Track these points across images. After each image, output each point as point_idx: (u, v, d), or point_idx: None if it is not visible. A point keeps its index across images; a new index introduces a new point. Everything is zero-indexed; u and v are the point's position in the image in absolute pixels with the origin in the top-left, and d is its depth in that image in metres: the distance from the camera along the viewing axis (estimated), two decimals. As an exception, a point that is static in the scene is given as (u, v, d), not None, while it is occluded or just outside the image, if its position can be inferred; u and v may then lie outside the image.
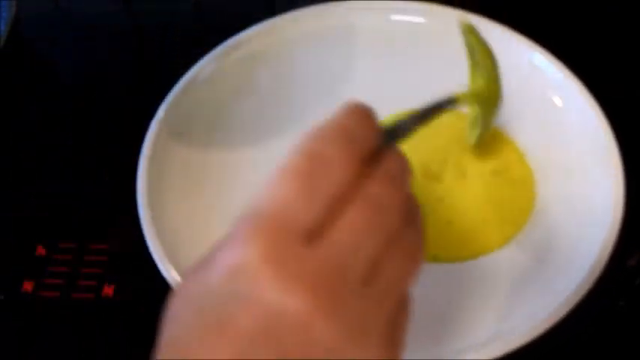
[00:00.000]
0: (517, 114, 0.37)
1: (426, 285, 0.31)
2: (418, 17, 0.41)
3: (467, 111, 0.36)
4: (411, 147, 0.35)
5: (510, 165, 0.36)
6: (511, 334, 0.27)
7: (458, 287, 0.31)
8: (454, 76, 0.39)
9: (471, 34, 0.33)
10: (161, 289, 0.30)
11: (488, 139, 0.36)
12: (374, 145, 0.18)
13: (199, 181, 0.35)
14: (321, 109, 0.38)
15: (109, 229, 0.35)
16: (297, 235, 0.16)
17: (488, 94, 0.33)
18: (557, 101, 0.37)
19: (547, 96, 0.38)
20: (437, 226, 0.33)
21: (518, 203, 0.34)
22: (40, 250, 0.34)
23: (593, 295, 0.28)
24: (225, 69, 0.39)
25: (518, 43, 0.39)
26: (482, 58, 0.33)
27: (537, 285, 0.30)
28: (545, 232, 0.32)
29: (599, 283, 0.28)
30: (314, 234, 0.16)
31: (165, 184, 0.34)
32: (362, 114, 0.19)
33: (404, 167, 0.19)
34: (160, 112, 0.36)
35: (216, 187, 0.35)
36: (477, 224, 0.34)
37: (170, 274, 0.30)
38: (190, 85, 0.38)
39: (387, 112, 0.37)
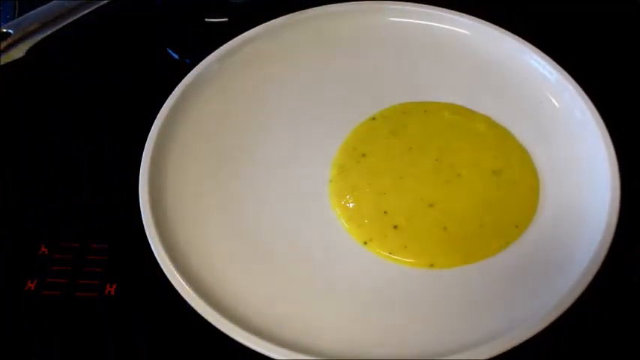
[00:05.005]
0: (515, 114, 0.38)
1: (424, 288, 0.31)
2: (417, 20, 0.42)
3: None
4: (406, 146, 0.36)
5: (512, 164, 0.35)
6: (508, 333, 0.27)
7: (455, 288, 0.31)
8: (453, 77, 0.40)
9: None
10: (163, 287, 0.30)
11: (489, 138, 0.37)
12: None
13: (201, 181, 0.35)
14: (323, 109, 0.39)
15: (111, 228, 0.35)
16: None
17: None
18: (555, 102, 0.38)
19: (544, 97, 0.38)
20: (432, 233, 0.32)
21: (519, 205, 0.33)
22: (43, 249, 0.34)
23: (590, 293, 0.28)
24: (227, 70, 0.40)
25: (515, 45, 0.40)
26: None
27: (534, 283, 0.30)
28: (542, 232, 0.33)
29: (596, 280, 0.29)
30: None
31: (166, 183, 0.34)
32: None
33: None
34: (162, 113, 0.36)
35: (217, 187, 0.35)
36: (475, 229, 0.32)
37: (171, 272, 0.30)
38: (192, 86, 0.38)
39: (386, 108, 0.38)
